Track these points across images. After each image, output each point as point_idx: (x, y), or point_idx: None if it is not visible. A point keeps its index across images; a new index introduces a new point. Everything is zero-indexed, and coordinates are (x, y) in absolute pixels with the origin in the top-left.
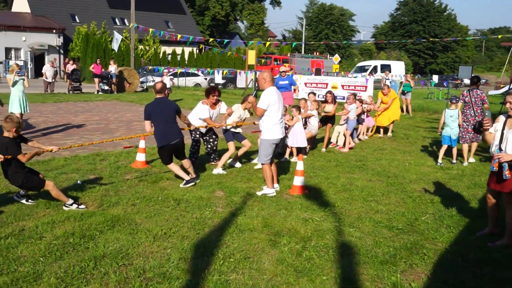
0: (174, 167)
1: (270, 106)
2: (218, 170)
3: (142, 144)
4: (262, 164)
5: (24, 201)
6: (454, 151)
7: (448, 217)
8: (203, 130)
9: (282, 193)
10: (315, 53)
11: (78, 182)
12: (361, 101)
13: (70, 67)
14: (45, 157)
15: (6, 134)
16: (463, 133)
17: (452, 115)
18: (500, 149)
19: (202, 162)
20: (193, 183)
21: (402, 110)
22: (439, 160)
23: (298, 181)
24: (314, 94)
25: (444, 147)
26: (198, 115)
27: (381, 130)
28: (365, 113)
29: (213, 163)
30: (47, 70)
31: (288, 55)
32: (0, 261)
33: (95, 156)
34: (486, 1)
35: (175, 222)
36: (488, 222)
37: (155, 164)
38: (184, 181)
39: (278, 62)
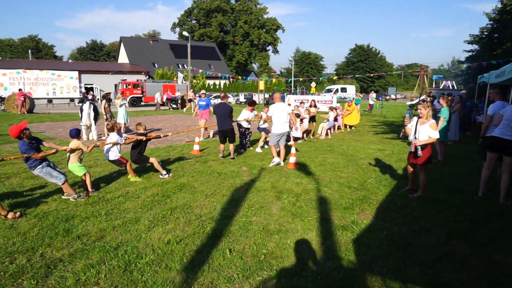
0: (221, 147)
1: (273, 114)
2: (258, 149)
3: (197, 139)
4: (270, 144)
5: (166, 176)
6: None
7: (384, 180)
8: (246, 125)
9: (283, 168)
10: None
11: (159, 163)
12: (335, 109)
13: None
14: None
15: (141, 131)
16: None
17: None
18: (415, 137)
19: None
20: (223, 158)
21: None
22: (401, 135)
23: (292, 159)
24: (303, 103)
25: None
26: (243, 115)
27: (347, 127)
28: (338, 117)
29: (250, 148)
30: (158, 96)
31: (142, 80)
32: (115, 211)
33: (168, 147)
34: (405, 47)
35: (218, 186)
36: (408, 182)
37: (205, 152)
38: (221, 156)
39: (128, 86)
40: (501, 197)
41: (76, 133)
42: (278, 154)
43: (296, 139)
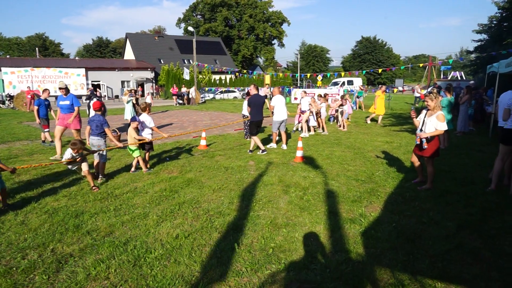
0: (256, 139)
1: (276, 105)
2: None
3: (203, 134)
4: (272, 131)
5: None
6: None
7: (392, 172)
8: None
9: (289, 161)
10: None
11: (167, 159)
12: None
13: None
14: None
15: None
16: None
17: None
18: (421, 130)
19: (244, 142)
20: (265, 152)
21: (360, 108)
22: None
23: (299, 153)
24: (321, 95)
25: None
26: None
27: (379, 118)
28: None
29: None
30: (192, 91)
31: None
32: (124, 207)
33: (176, 143)
34: (412, 38)
35: (225, 181)
36: (417, 174)
37: (211, 147)
38: (261, 150)
39: None
40: (511, 189)
41: (133, 120)
42: (278, 141)
43: (315, 127)
